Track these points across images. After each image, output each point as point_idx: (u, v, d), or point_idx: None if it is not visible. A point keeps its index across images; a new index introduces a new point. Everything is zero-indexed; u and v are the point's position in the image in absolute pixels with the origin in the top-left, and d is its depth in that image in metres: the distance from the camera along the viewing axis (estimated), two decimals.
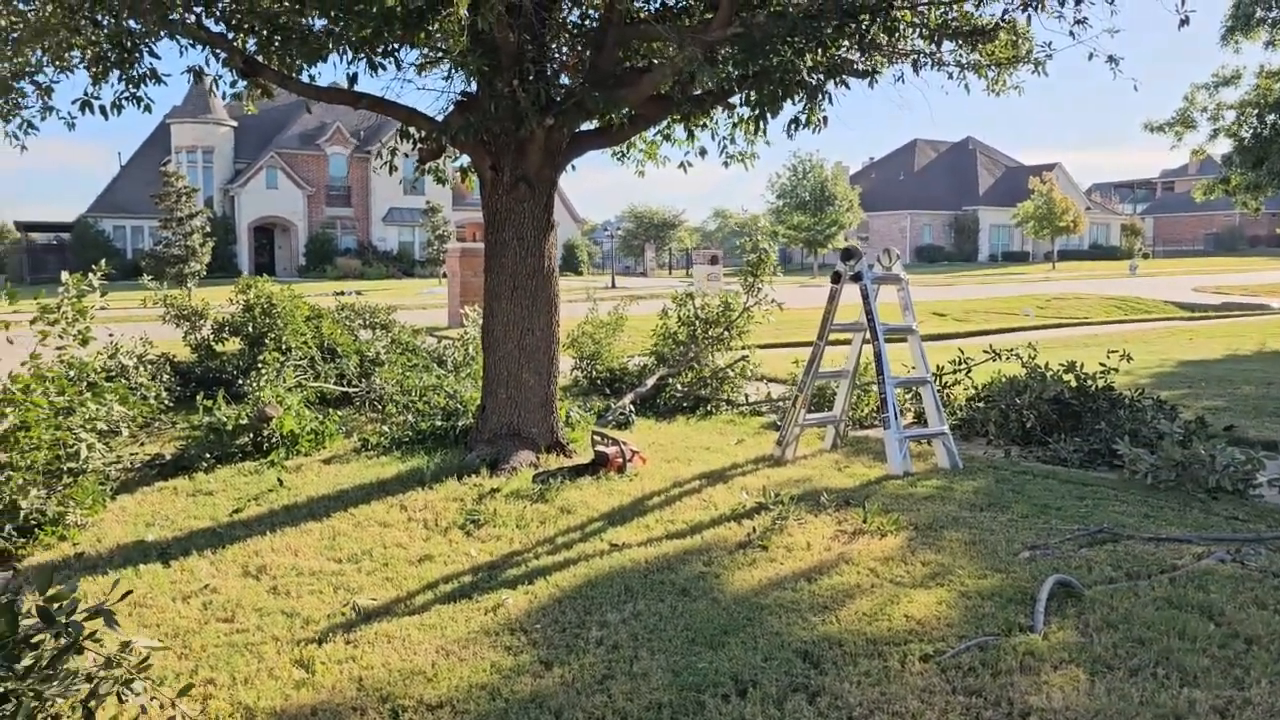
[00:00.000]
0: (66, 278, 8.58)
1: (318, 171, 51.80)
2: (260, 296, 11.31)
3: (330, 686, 3.77)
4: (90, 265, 7.92)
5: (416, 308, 26.27)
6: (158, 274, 34.37)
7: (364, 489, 6.70)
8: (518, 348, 7.31)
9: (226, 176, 50.74)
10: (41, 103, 8.47)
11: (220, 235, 44.92)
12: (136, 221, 49.03)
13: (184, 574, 5.12)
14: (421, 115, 7.59)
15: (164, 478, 7.31)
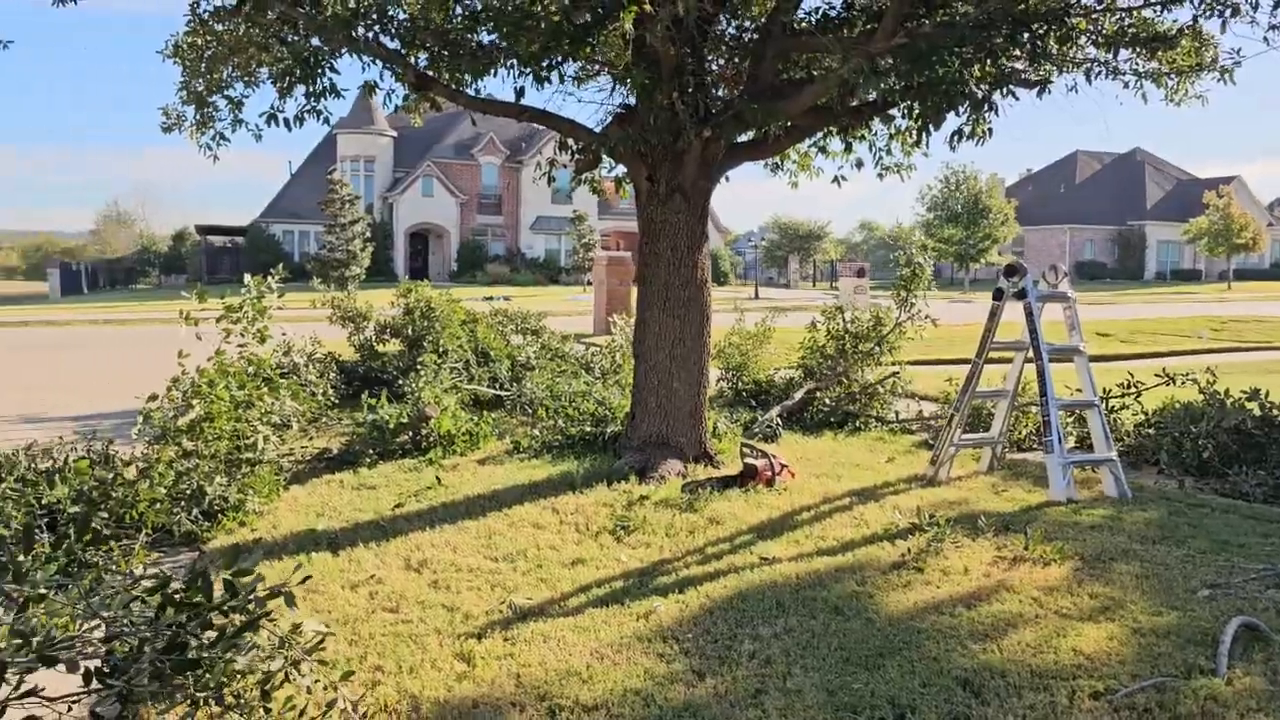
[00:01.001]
0: (248, 279, 9.14)
1: (471, 180, 53.61)
2: (420, 300, 11.79)
3: (490, 681, 3.89)
4: (261, 267, 8.40)
5: (562, 314, 26.79)
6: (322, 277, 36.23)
7: (517, 490, 6.88)
8: (668, 357, 7.37)
9: (386, 185, 53.08)
10: (232, 116, 9.09)
11: (379, 241, 47.02)
12: (304, 226, 51.83)
13: (351, 563, 5.37)
14: (581, 127, 7.76)
15: (331, 471, 7.69)
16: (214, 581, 3.47)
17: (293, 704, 3.49)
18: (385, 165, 53.31)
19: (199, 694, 3.39)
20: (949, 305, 31.52)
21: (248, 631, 3.51)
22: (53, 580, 3.89)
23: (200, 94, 9.04)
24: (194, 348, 7.95)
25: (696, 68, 7.22)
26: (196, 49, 9.18)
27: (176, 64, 9.38)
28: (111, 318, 27.74)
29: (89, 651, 3.34)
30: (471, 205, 53.55)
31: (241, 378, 8.18)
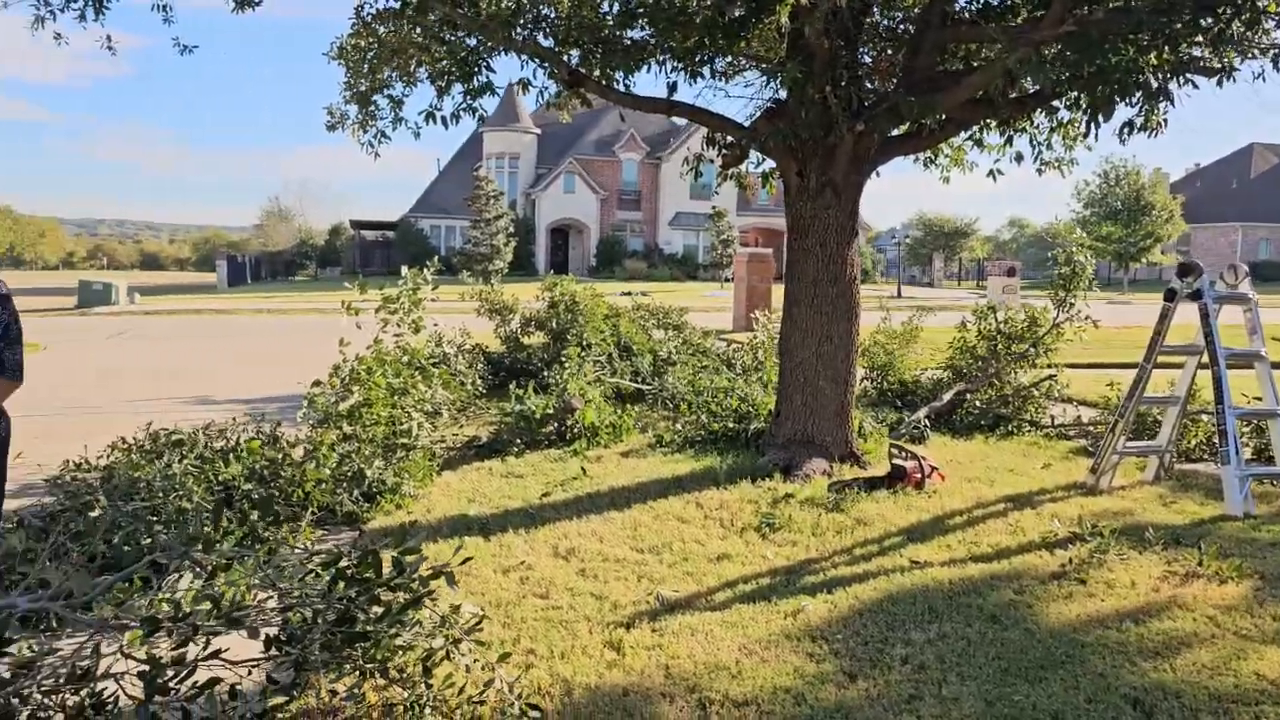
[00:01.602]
0: (405, 271, 9.49)
1: (611, 176, 54.27)
2: (564, 294, 12.01)
3: (640, 670, 3.92)
4: (410, 260, 8.69)
5: (699, 310, 26.80)
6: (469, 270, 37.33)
7: (660, 484, 6.92)
8: (815, 355, 7.27)
9: (529, 181, 54.30)
10: (393, 114, 9.47)
11: (521, 236, 48.19)
12: (450, 221, 53.55)
13: (502, 549, 5.52)
14: (730, 122, 7.73)
15: (480, 458, 7.92)
16: (383, 559, 3.62)
17: (451, 681, 3.60)
18: (529, 162, 54.53)
19: (366, 665, 3.56)
20: (1107, 306, 30.01)
21: (412, 609, 3.65)
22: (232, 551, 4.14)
23: (363, 93, 9.45)
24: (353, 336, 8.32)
25: (850, 60, 7.09)
26: (359, 50, 9.59)
27: (340, 65, 9.83)
28: (272, 307, 29.34)
29: (267, 620, 3.54)
30: (611, 201, 54.22)
31: (397, 366, 8.51)
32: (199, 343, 18.75)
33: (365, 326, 8.39)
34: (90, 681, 3.16)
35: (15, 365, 3.56)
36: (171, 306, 29.91)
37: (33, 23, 8.19)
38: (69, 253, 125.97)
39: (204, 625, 3.30)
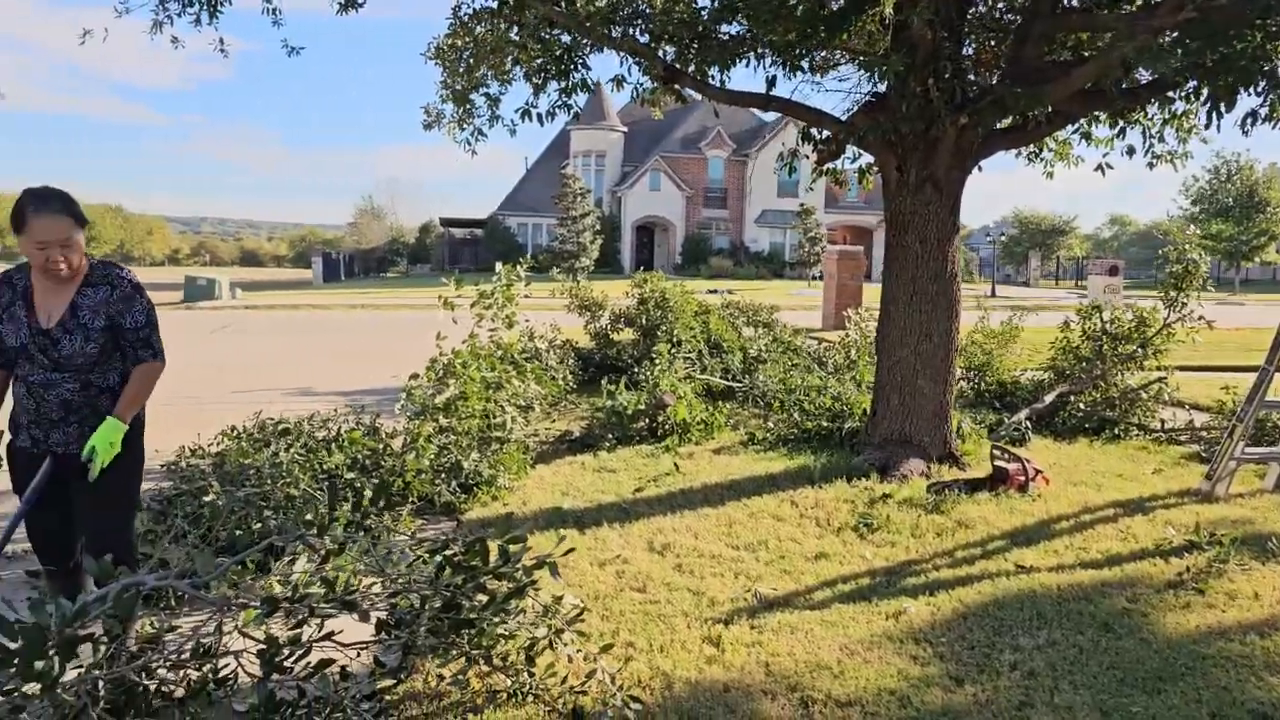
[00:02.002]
0: (499, 267, 9.62)
1: (697, 174, 54.16)
2: (654, 291, 12.02)
3: (740, 667, 3.90)
4: (499, 257, 8.84)
5: (787, 309, 26.58)
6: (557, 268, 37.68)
7: (754, 481, 6.88)
8: (914, 353, 7.13)
9: (615, 179, 54.54)
10: (490, 112, 9.60)
11: (607, 233, 48.42)
12: (537, 219, 54.14)
13: (597, 542, 5.54)
14: (828, 116, 7.63)
15: (572, 453, 7.98)
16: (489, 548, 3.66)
17: (553, 670, 3.64)
18: (615, 160, 54.78)
19: (472, 652, 3.61)
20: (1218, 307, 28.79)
21: (516, 598, 3.69)
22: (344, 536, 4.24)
23: (460, 92, 9.60)
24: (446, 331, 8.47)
25: (953, 52, 6.93)
26: (456, 50, 9.75)
27: (437, 65, 10.01)
28: (365, 303, 30.07)
29: (376, 604, 3.62)
30: (697, 199, 54.12)
31: (491, 361, 8.63)
32: (297, 337, 19.32)
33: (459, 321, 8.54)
34: (213, 658, 3.27)
35: (161, 349, 3.71)
36: (270, 302, 30.89)
37: (151, 27, 8.52)
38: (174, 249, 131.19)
39: (319, 607, 3.39)
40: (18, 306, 3.52)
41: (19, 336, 3.50)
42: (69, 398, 3.56)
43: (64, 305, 3.53)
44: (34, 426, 3.59)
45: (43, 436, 3.59)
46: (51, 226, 3.37)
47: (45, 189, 3.42)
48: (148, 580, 3.23)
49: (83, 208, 3.55)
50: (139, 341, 3.63)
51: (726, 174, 54.45)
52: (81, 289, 3.55)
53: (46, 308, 3.53)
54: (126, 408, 3.57)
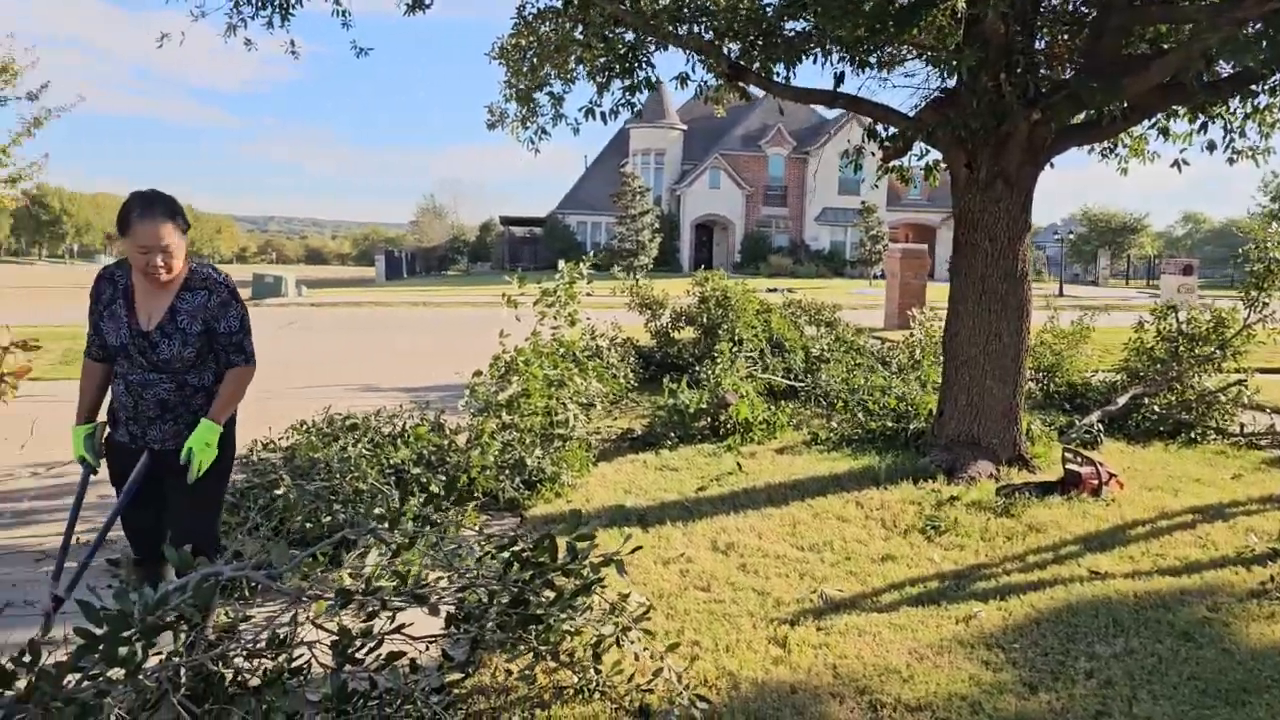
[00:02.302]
0: (561, 265, 9.67)
1: (757, 172, 53.89)
2: (715, 290, 11.98)
3: (806, 668, 3.86)
4: (557, 256, 8.86)
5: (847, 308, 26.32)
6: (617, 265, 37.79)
7: (818, 481, 6.81)
8: (982, 354, 7.00)
9: (674, 177, 54.50)
10: (554, 111, 9.65)
11: (666, 232, 48.42)
12: (596, 218, 54.32)
13: (661, 540, 5.54)
14: (895, 113, 7.53)
15: (634, 451, 7.98)
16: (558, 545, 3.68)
17: (620, 668, 3.64)
18: (674, 158, 54.73)
19: (539, 648, 3.63)
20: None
21: (583, 595, 3.70)
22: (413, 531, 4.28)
23: (524, 91, 9.66)
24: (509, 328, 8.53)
25: (1026, 46, 6.80)
26: (520, 49, 9.81)
27: (501, 64, 10.08)
28: (427, 300, 30.45)
29: (445, 598, 3.65)
30: (757, 197, 53.86)
31: (554, 358, 8.68)
32: (361, 333, 19.64)
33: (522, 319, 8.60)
34: (288, 648, 3.33)
35: (252, 354, 3.77)
36: (335, 299, 31.44)
37: (226, 30, 8.72)
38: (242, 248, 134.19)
39: (390, 600, 3.43)
40: (119, 305, 3.60)
41: (119, 336, 3.59)
42: (165, 397, 3.65)
43: (164, 308, 3.60)
44: (131, 423, 3.68)
45: (140, 433, 3.69)
46: (154, 231, 3.41)
47: (151, 193, 3.49)
48: (225, 571, 3.30)
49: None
50: (232, 346, 3.69)
51: (787, 171, 54.08)
52: (180, 293, 3.61)
53: (147, 309, 3.60)
54: (220, 410, 3.63)
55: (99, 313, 3.63)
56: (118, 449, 3.75)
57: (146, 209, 3.41)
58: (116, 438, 3.74)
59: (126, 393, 3.65)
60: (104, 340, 3.63)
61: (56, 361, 14.20)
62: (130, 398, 3.64)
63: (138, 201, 3.44)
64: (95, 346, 3.70)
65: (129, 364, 3.62)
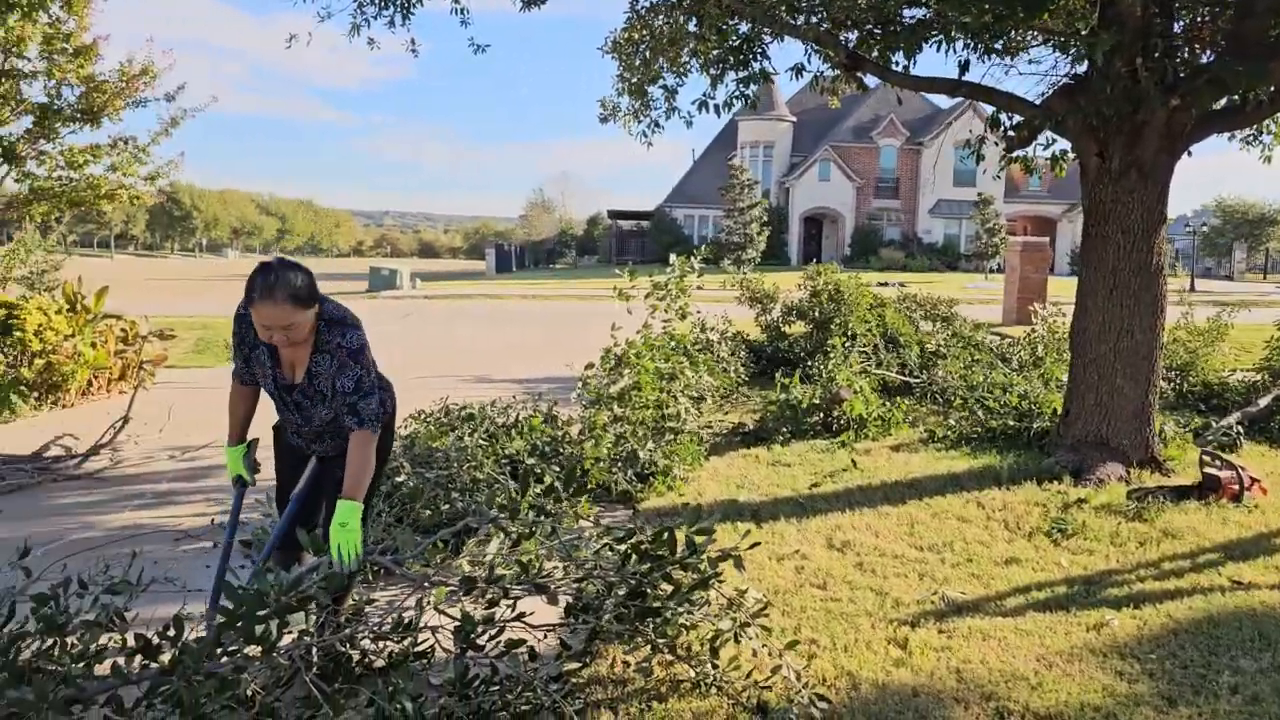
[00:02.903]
0: (673, 258, 9.67)
1: (868, 164, 52.90)
2: (828, 283, 11.81)
3: (929, 672, 3.77)
4: (664, 249, 8.86)
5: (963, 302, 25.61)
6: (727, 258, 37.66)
7: (936, 480, 6.65)
8: (1112, 351, 6.71)
9: (783, 170, 53.95)
10: (667, 105, 9.65)
11: (774, 225, 47.97)
12: (703, 211, 54.21)
13: (774, 536, 5.49)
14: (1021, 100, 7.27)
15: (746, 445, 7.93)
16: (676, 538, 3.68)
17: (737, 664, 3.61)
18: (783, 150, 54.18)
19: (657, 640, 3.63)
20: None
21: (700, 589, 3.69)
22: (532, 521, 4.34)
23: (637, 85, 9.68)
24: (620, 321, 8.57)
25: (1164, 28, 6.48)
26: (633, 43, 9.84)
27: (613, 59, 10.13)
28: (536, 293, 30.90)
29: (563, 588, 3.69)
30: (868, 189, 52.88)
31: (665, 351, 8.68)
32: (473, 325, 20.06)
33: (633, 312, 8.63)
34: (412, 632, 3.42)
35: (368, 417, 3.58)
36: (447, 291, 32.21)
37: (350, 30, 8.99)
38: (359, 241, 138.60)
39: (511, 588, 3.49)
40: (263, 353, 3.60)
41: (267, 385, 3.66)
42: (321, 429, 3.73)
43: (304, 365, 3.59)
44: (296, 437, 3.82)
45: (304, 446, 3.83)
46: (272, 314, 3.35)
47: (273, 276, 3.37)
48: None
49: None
50: (345, 407, 3.55)
51: (899, 163, 52.92)
52: (314, 355, 3.57)
53: (290, 360, 3.61)
54: (353, 487, 3.47)
55: (244, 353, 3.67)
56: (293, 450, 3.89)
57: (266, 294, 3.33)
58: (286, 439, 3.88)
59: (291, 417, 3.75)
60: (253, 374, 3.70)
61: (189, 350, 14.92)
62: (295, 419, 3.73)
63: (259, 284, 3.36)
64: (243, 373, 3.74)
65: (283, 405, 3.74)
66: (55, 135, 9.99)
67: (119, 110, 10.47)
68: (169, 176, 11.37)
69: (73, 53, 9.81)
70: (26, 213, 10.85)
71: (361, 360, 3.57)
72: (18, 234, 12.61)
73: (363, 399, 3.55)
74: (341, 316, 3.58)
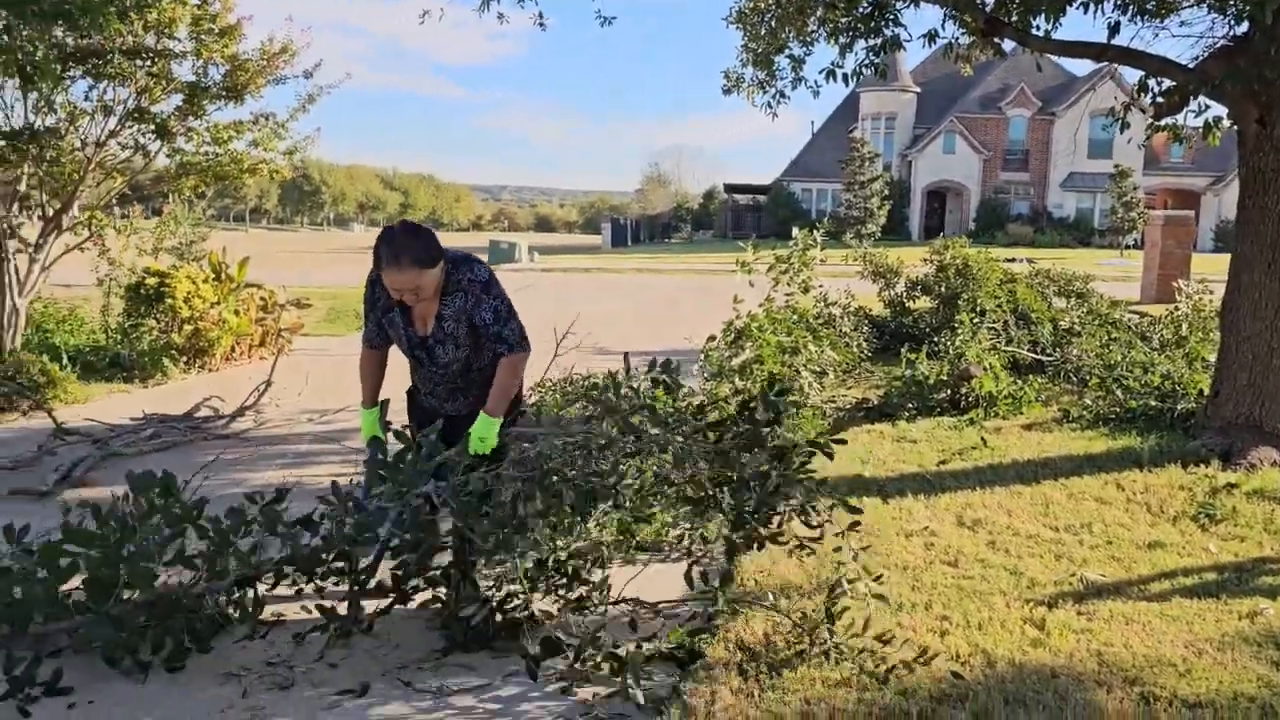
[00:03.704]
0: (796, 232, 9.58)
1: (996, 135, 51.06)
2: (956, 258, 11.49)
3: (1068, 653, 3.66)
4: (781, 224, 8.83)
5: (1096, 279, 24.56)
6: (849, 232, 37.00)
7: (1071, 461, 6.43)
8: (1269, 328, 6.34)
9: (905, 142, 52.55)
10: (793, 75, 9.51)
11: (895, 198, 46.80)
12: (821, 185, 53.30)
13: (902, 512, 5.40)
14: (1174, 65, 6.90)
15: (869, 421, 7.82)
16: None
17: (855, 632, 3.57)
18: (906, 122, 52.76)
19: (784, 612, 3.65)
20: None
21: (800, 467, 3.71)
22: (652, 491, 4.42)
23: (763, 55, 9.56)
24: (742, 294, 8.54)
25: None
26: (759, 12, 9.71)
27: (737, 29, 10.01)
28: (651, 267, 30.99)
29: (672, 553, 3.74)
30: (995, 161, 51.06)
31: (788, 325, 8.63)
32: (590, 298, 20.26)
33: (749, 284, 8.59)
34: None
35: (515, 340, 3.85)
36: (565, 265, 32.60)
37: (480, 5, 9.16)
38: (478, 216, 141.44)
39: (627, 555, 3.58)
40: (396, 315, 3.83)
41: (402, 344, 3.90)
42: (455, 384, 3.96)
43: (432, 316, 3.80)
44: (430, 397, 4.03)
45: (439, 405, 4.03)
46: (400, 279, 3.55)
47: (401, 240, 3.55)
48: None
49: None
50: (491, 337, 3.79)
51: (1029, 134, 50.87)
52: (443, 299, 3.76)
53: (421, 315, 3.82)
54: (496, 403, 3.75)
55: (376, 316, 3.89)
56: (420, 408, 4.07)
57: (392, 261, 3.51)
58: (419, 401, 4.05)
59: (426, 380, 3.96)
60: (386, 337, 3.90)
61: (321, 319, 15.52)
62: (430, 382, 3.95)
63: (384, 252, 3.53)
64: (375, 336, 3.98)
65: (417, 362, 3.91)
66: (202, 112, 10.44)
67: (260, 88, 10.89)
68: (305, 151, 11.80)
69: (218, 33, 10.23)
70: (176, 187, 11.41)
71: (493, 291, 3.79)
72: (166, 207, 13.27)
73: (505, 325, 3.78)
74: (465, 255, 3.82)
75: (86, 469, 6.04)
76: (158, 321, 10.12)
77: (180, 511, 3.43)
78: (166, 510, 3.41)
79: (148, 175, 11.10)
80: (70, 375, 8.84)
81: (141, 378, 9.56)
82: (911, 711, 3.18)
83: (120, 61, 9.37)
